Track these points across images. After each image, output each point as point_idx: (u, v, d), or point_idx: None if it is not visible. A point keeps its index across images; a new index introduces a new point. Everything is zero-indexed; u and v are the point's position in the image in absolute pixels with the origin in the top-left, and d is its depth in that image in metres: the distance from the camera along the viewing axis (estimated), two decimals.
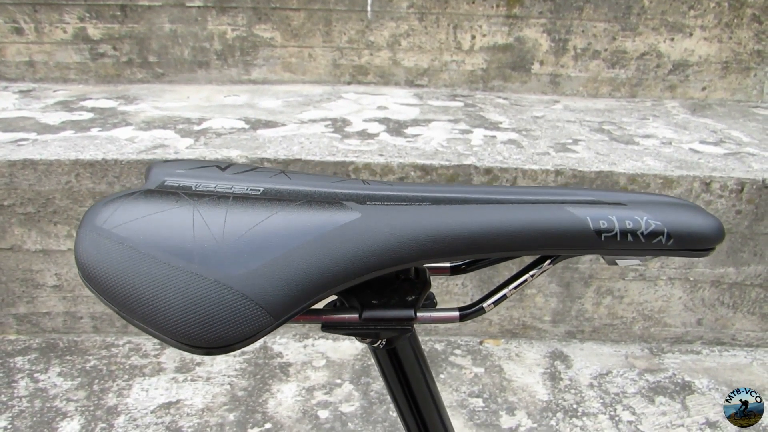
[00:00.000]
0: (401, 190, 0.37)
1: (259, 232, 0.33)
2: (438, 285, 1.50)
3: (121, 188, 1.32)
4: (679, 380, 1.45)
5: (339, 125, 1.61)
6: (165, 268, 0.31)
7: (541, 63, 2.04)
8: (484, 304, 0.38)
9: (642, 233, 0.33)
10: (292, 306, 0.32)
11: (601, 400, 1.37)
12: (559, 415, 1.33)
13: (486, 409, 1.33)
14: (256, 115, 1.69)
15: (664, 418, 1.32)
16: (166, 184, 0.36)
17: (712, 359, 1.53)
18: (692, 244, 0.34)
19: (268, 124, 1.59)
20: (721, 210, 1.38)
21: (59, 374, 1.39)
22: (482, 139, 1.55)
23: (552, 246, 0.34)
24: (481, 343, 1.58)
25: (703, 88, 2.06)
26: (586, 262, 1.47)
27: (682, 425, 1.31)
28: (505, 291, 0.38)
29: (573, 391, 1.40)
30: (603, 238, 0.34)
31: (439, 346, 1.56)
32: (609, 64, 2.03)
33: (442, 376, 1.43)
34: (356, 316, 0.37)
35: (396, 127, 1.62)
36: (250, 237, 0.32)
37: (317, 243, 0.32)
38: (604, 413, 1.34)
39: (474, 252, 0.34)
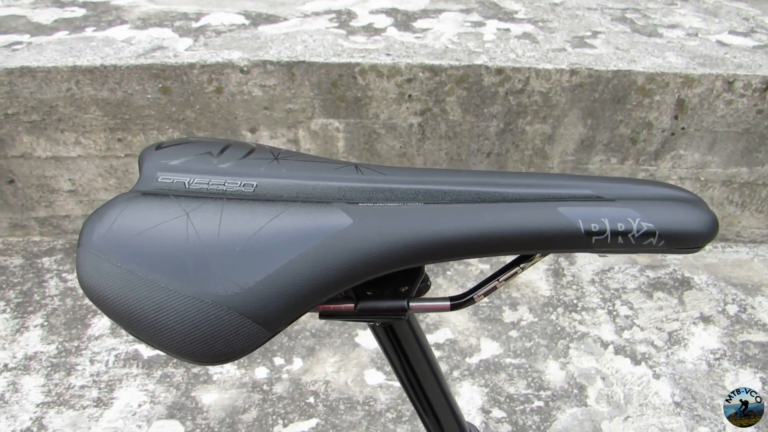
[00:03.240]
0: (394, 180, 0.36)
1: (253, 245, 0.33)
2: None
3: (123, 95, 1.30)
4: (679, 276, 1.50)
5: (344, 19, 1.53)
6: (164, 292, 0.32)
7: None
8: (474, 295, 0.39)
9: (633, 236, 0.33)
10: (288, 318, 0.34)
11: (601, 296, 1.43)
12: (560, 309, 1.40)
13: (490, 304, 1.40)
14: (256, 7, 1.59)
15: (660, 313, 1.39)
16: (159, 181, 0.37)
17: (714, 255, 1.57)
18: (682, 243, 0.33)
19: (270, 19, 1.51)
20: (741, 110, 1.33)
21: None
22: (495, 33, 1.47)
23: (542, 247, 0.35)
24: None
25: None
26: (596, 163, 1.45)
27: (677, 319, 1.37)
28: (494, 283, 0.39)
29: (575, 287, 1.46)
30: (594, 241, 0.34)
31: None
32: None
33: (449, 272, 1.49)
34: (352, 306, 0.38)
35: (404, 20, 1.53)
36: (243, 252, 0.33)
37: (310, 255, 0.33)
38: (603, 308, 1.40)
39: (466, 254, 0.35)
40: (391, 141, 1.41)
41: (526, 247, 0.35)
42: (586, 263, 1.53)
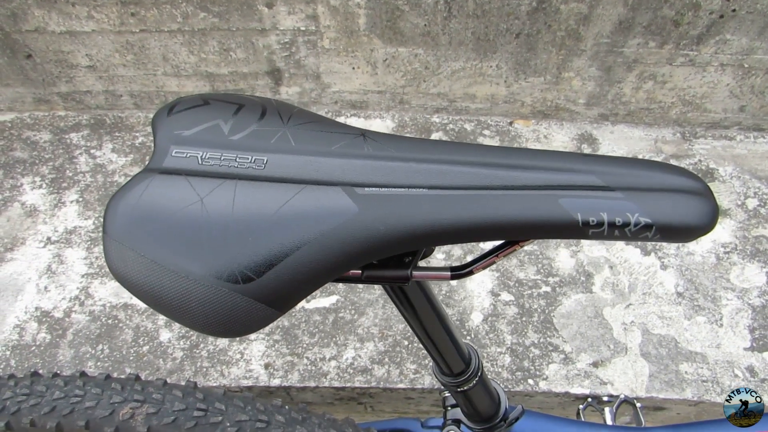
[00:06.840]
0: (399, 157, 0.37)
1: (264, 235, 0.35)
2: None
3: None
4: (704, 167, 1.48)
5: None
6: (185, 282, 0.35)
7: None
8: (474, 267, 0.41)
9: (630, 229, 0.33)
10: (298, 299, 0.37)
11: None
12: None
13: None
14: None
15: None
16: (173, 156, 0.38)
17: (744, 146, 1.52)
18: (678, 237, 0.34)
19: None
20: None
21: (113, 150, 1.51)
22: None
23: (540, 235, 0.35)
24: (511, 123, 1.60)
25: None
26: (633, 47, 1.36)
27: None
28: (493, 258, 0.41)
29: None
30: (590, 232, 0.34)
31: (468, 126, 1.58)
32: None
33: None
34: (359, 272, 0.41)
35: None
36: (256, 243, 0.35)
37: (317, 244, 0.35)
38: None
39: (467, 240, 0.36)
40: (415, 18, 1.33)
41: (525, 234, 0.36)
42: (610, 150, 1.51)
